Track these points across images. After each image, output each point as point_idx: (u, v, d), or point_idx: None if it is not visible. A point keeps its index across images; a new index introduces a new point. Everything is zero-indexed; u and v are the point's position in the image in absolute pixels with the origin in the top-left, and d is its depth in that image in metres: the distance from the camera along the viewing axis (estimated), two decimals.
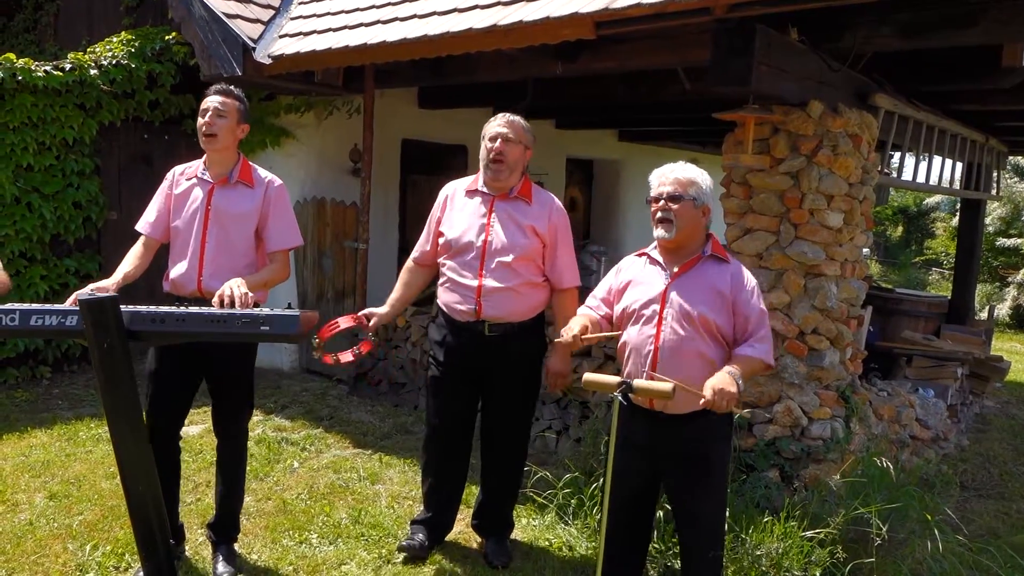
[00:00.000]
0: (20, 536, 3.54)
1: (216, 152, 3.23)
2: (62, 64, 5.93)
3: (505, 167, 3.29)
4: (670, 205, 2.80)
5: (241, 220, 3.24)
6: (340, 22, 5.43)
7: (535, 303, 3.41)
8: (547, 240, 3.35)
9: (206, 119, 3.18)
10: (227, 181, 3.24)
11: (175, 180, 3.33)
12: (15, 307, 2.58)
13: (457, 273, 3.34)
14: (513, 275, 3.30)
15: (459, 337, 3.39)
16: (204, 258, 3.19)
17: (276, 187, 3.32)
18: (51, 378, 5.96)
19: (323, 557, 3.51)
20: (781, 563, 3.22)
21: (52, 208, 5.92)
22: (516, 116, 3.42)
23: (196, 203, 3.23)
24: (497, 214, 3.32)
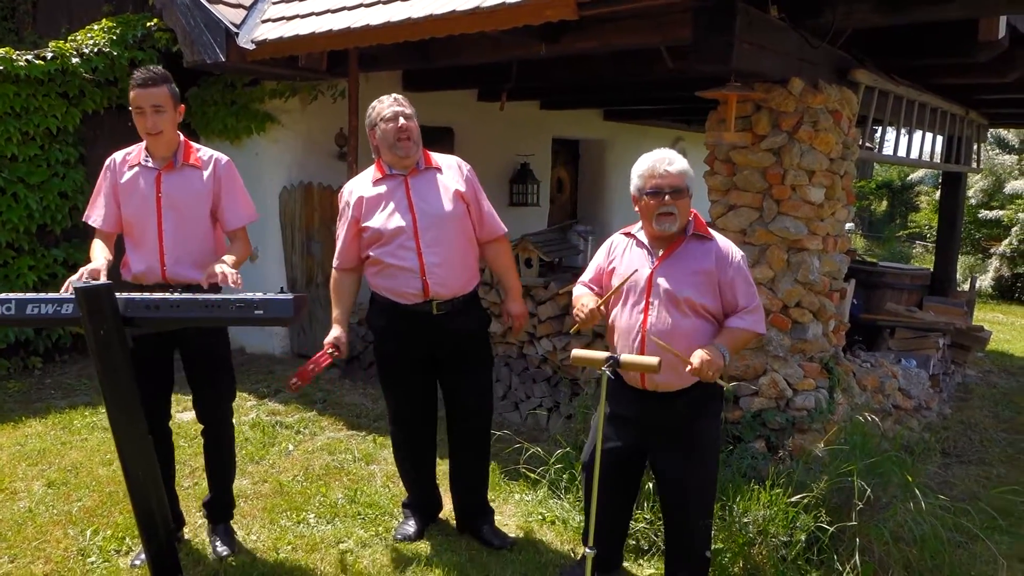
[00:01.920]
0: (20, 523, 3.59)
1: (161, 141, 3.16)
2: (43, 53, 5.91)
3: (412, 142, 3.30)
4: (675, 201, 2.85)
5: (195, 203, 3.21)
6: (323, 5, 5.42)
7: (472, 273, 3.42)
8: (468, 198, 3.37)
9: (149, 121, 3.08)
10: (173, 166, 3.19)
11: (117, 169, 3.24)
12: (11, 296, 2.61)
13: (394, 257, 3.26)
14: (450, 245, 3.29)
15: (407, 321, 3.34)
16: (164, 245, 3.16)
17: (224, 164, 3.29)
18: (43, 368, 5.98)
19: (321, 536, 3.58)
20: (767, 529, 3.32)
21: (38, 198, 5.91)
22: (399, 95, 3.41)
23: (144, 191, 3.16)
24: (415, 190, 3.30)
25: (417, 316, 3.32)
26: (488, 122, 8.32)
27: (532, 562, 3.45)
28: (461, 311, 3.38)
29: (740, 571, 3.34)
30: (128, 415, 2.74)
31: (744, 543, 3.35)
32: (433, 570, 3.31)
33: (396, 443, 3.65)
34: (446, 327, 3.35)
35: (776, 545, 3.31)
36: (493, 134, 8.60)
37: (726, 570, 3.35)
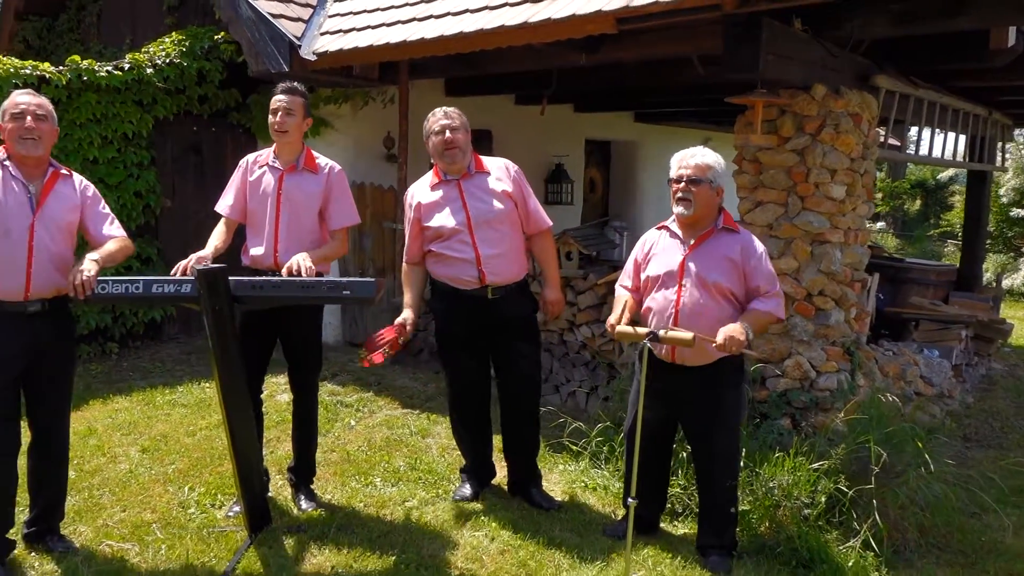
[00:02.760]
0: (125, 482, 4.08)
1: (286, 144, 3.71)
2: (121, 64, 6.41)
3: (458, 151, 3.71)
4: (690, 187, 3.26)
5: (308, 202, 3.71)
6: (377, 19, 5.88)
7: (522, 263, 3.85)
8: (516, 197, 3.78)
9: (278, 118, 3.64)
10: (295, 168, 3.71)
11: (248, 167, 3.79)
12: (139, 278, 3.08)
13: (453, 251, 3.69)
14: (501, 240, 3.71)
15: (465, 305, 3.76)
16: (278, 236, 3.67)
17: (336, 172, 3.80)
18: (119, 353, 6.49)
19: (388, 496, 4.01)
20: (791, 492, 3.68)
21: (116, 197, 6.42)
22: (450, 108, 3.81)
23: (269, 188, 3.70)
24: (468, 192, 3.73)
25: (474, 300, 3.74)
26: (525, 125, 8.73)
27: (577, 520, 3.85)
28: (513, 296, 3.80)
29: (766, 530, 3.71)
30: (236, 381, 3.20)
31: (770, 505, 3.72)
32: (489, 524, 3.73)
33: (454, 414, 4.06)
34: (500, 310, 3.77)
35: (799, 507, 3.67)
36: (529, 136, 9.01)
37: (754, 530, 3.72)
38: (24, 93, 3.22)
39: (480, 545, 3.54)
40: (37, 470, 3.32)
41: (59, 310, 3.22)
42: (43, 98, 3.24)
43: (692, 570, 3.44)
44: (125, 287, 3.08)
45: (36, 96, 3.22)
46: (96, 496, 3.91)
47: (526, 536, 3.63)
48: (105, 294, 3.05)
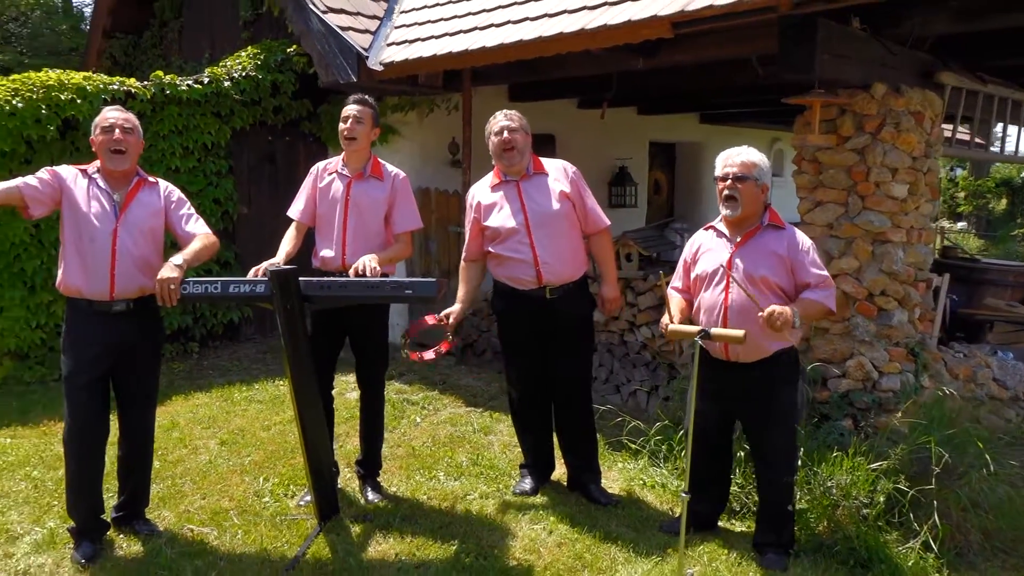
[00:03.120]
0: (205, 471, 4.33)
1: (355, 152, 3.90)
2: (201, 78, 6.76)
3: (516, 152, 3.81)
4: (736, 185, 3.32)
5: (374, 208, 3.89)
6: (441, 29, 6.07)
7: (580, 262, 3.92)
8: (573, 197, 3.86)
9: (347, 125, 3.84)
10: (362, 176, 3.90)
11: (319, 174, 4.00)
12: (218, 279, 3.30)
13: (512, 251, 3.82)
14: (559, 239, 3.81)
15: (524, 304, 3.88)
16: (346, 240, 3.86)
17: (401, 179, 3.98)
18: (200, 352, 6.84)
19: (450, 489, 4.16)
20: (850, 492, 3.68)
21: (196, 204, 6.65)
22: (511, 111, 3.92)
23: (337, 194, 3.90)
24: (526, 193, 3.84)
25: (533, 300, 3.86)
26: (587, 128, 8.82)
27: (634, 516, 3.92)
28: (571, 295, 3.90)
29: (824, 530, 3.71)
30: (306, 376, 3.39)
31: (828, 505, 3.72)
32: (548, 518, 3.84)
33: (515, 410, 4.19)
34: (558, 310, 3.87)
35: (857, 506, 3.67)
36: (592, 139, 9.09)
37: (812, 528, 3.73)
38: (113, 109, 3.47)
39: (538, 537, 3.66)
40: (125, 459, 3.58)
41: (144, 310, 3.45)
42: (130, 113, 3.49)
43: (748, 566, 3.48)
44: (205, 288, 3.30)
45: (124, 111, 3.47)
46: (178, 484, 4.17)
47: (583, 530, 3.73)
48: (187, 294, 3.27)
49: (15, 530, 3.67)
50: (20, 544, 3.54)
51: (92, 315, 3.34)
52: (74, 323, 3.37)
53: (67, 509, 3.46)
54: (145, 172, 3.60)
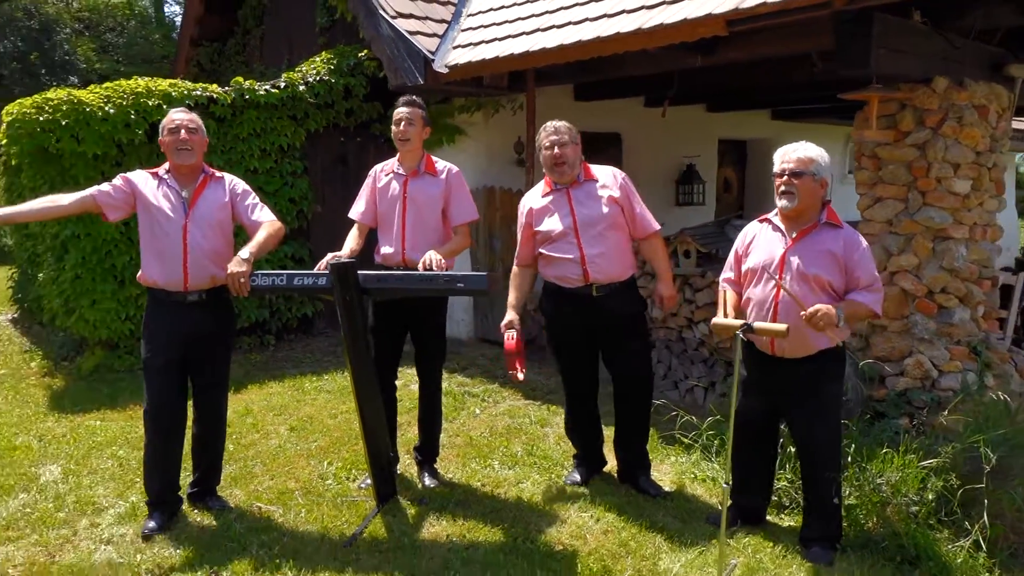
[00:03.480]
0: (274, 455, 4.60)
1: (408, 151, 4.07)
2: (278, 83, 7.10)
3: (567, 166, 3.92)
4: (792, 180, 3.35)
5: (431, 203, 4.06)
6: (504, 32, 6.22)
7: (627, 263, 4.00)
8: (622, 201, 3.95)
9: (400, 128, 4.01)
10: (417, 173, 4.08)
11: (377, 176, 4.21)
12: (283, 272, 3.53)
13: (560, 251, 3.93)
14: (605, 241, 3.89)
15: (571, 303, 3.98)
16: (405, 235, 4.04)
17: (454, 173, 4.14)
18: (275, 345, 7.18)
19: (504, 477, 4.31)
20: (899, 489, 3.66)
21: (273, 204, 7.09)
22: (561, 122, 3.99)
23: (395, 193, 4.09)
24: (576, 199, 3.94)
25: (579, 298, 3.96)
26: (654, 126, 8.83)
27: (682, 508, 3.98)
28: (617, 294, 3.98)
29: (874, 526, 3.70)
30: (364, 364, 3.58)
31: (877, 501, 3.71)
32: (595, 507, 3.94)
33: (568, 406, 4.30)
34: (604, 308, 3.96)
35: (907, 503, 3.65)
36: (659, 137, 9.10)
37: (861, 525, 3.73)
38: (178, 111, 3.72)
39: (585, 525, 3.76)
40: (199, 439, 3.85)
41: (217, 300, 3.71)
42: (193, 114, 3.74)
43: (792, 560, 3.51)
44: (272, 280, 3.53)
45: (188, 112, 3.72)
46: (250, 466, 4.44)
47: (630, 519, 3.82)
48: (256, 285, 3.51)
49: (101, 503, 4.00)
50: (105, 515, 3.86)
51: (169, 304, 3.61)
52: (153, 312, 3.66)
53: (144, 484, 3.75)
54: (214, 169, 3.84)
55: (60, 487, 4.19)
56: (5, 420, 5.31)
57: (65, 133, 5.94)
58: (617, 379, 4.15)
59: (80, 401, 5.67)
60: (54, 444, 4.84)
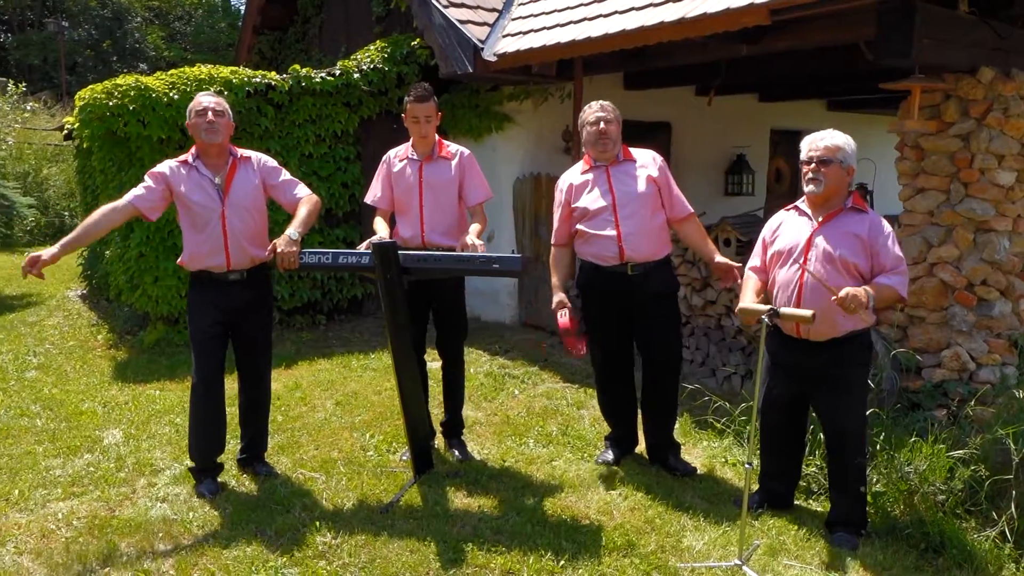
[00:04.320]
0: (320, 427, 4.82)
1: (425, 141, 4.20)
2: (333, 71, 7.32)
3: (610, 141, 4.02)
4: (820, 167, 3.40)
5: (446, 186, 4.20)
6: (552, 21, 6.32)
7: (663, 242, 4.08)
8: (660, 183, 4.03)
9: (420, 127, 4.13)
10: (431, 157, 4.22)
11: (391, 162, 4.33)
12: (329, 251, 3.71)
13: (597, 228, 4.02)
14: (642, 219, 3.97)
15: (607, 281, 4.07)
16: (423, 218, 4.18)
17: (467, 155, 4.27)
18: (326, 324, 7.45)
19: (537, 454, 4.44)
20: (926, 477, 3.68)
21: (327, 188, 7.35)
22: (605, 102, 4.08)
23: (411, 178, 4.21)
24: (614, 176, 4.04)
25: (615, 276, 4.06)
26: (704, 116, 8.82)
27: (710, 490, 4.07)
28: (652, 274, 4.06)
29: (900, 514, 3.73)
30: (404, 341, 3.75)
31: (905, 489, 3.74)
32: (624, 485, 4.05)
33: (600, 385, 4.41)
34: (639, 287, 4.05)
35: (934, 492, 3.67)
36: (709, 127, 9.08)
37: (887, 512, 3.76)
38: (205, 95, 3.81)
39: (612, 501, 3.88)
40: (245, 409, 4.08)
41: (256, 278, 3.91)
42: (220, 98, 3.86)
43: (816, 543, 3.57)
44: (318, 258, 3.72)
45: (215, 96, 3.84)
46: (296, 436, 4.67)
47: (657, 498, 3.92)
48: (304, 263, 3.69)
49: (158, 465, 4.26)
50: (161, 476, 4.12)
51: (212, 283, 3.81)
52: (197, 290, 3.86)
53: (189, 450, 3.99)
54: (244, 150, 3.94)
55: (121, 449, 4.48)
56: (73, 387, 5.66)
57: (132, 117, 6.25)
58: (647, 360, 4.24)
59: (141, 372, 6.00)
60: (117, 410, 5.15)
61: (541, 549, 3.40)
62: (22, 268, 3.45)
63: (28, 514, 3.72)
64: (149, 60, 23.06)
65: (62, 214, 14.75)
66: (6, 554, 3.36)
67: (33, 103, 18.40)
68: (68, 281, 10.08)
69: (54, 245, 3.52)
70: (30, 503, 3.83)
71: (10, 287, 9.76)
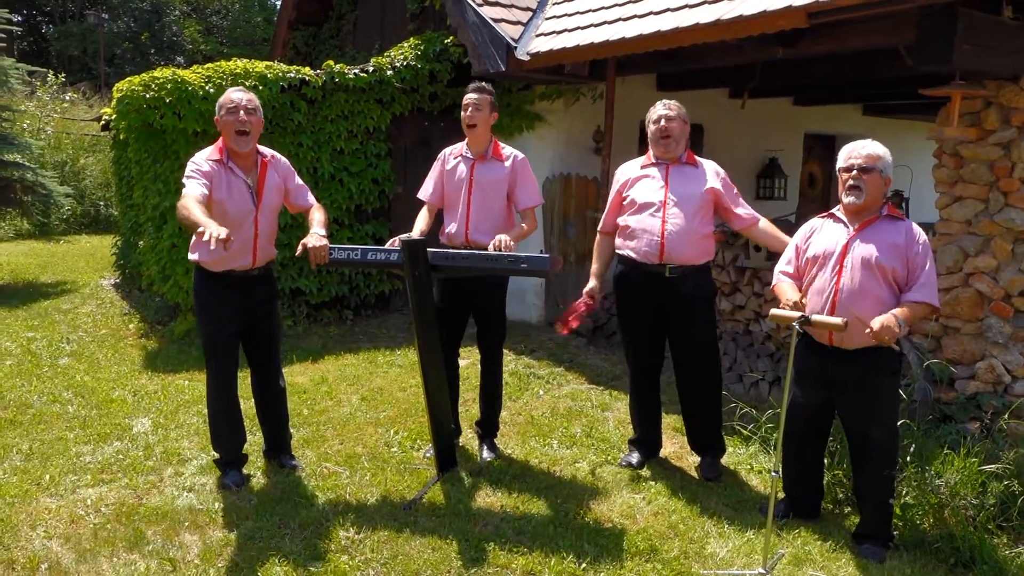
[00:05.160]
0: (345, 421, 4.85)
1: (476, 136, 4.21)
2: (367, 67, 7.35)
3: (672, 140, 3.99)
4: (861, 176, 3.36)
5: (496, 187, 4.20)
6: (586, 20, 6.29)
7: (706, 249, 4.04)
8: (718, 194, 3.99)
9: (468, 113, 4.15)
10: (484, 157, 4.23)
11: (445, 159, 4.36)
12: (358, 247, 3.72)
13: (641, 223, 4.01)
14: (689, 222, 3.94)
15: (643, 279, 4.05)
16: (470, 217, 4.19)
17: (520, 159, 4.27)
18: (353, 319, 7.48)
19: (561, 456, 4.43)
20: (957, 491, 3.62)
21: (357, 184, 7.39)
22: (673, 101, 4.07)
23: (462, 175, 4.23)
24: (672, 176, 4.01)
25: (652, 275, 4.03)
26: (738, 118, 8.74)
27: (735, 497, 4.03)
28: (690, 278, 4.03)
29: (930, 527, 3.67)
30: (430, 338, 3.76)
31: (935, 503, 3.68)
32: (648, 489, 4.03)
33: (632, 384, 4.37)
34: (677, 290, 4.02)
35: (965, 506, 3.60)
36: (743, 130, 9.00)
37: (916, 525, 3.70)
38: (237, 90, 3.74)
39: (636, 505, 3.86)
40: (265, 402, 4.12)
41: (268, 273, 3.98)
42: (251, 93, 3.80)
43: (842, 555, 3.52)
44: (347, 254, 3.73)
45: (247, 92, 3.79)
46: (322, 430, 4.70)
47: (681, 503, 3.90)
48: (334, 258, 3.71)
49: (185, 455, 4.31)
50: (188, 466, 4.17)
51: (233, 282, 3.80)
52: (211, 289, 3.79)
53: (212, 443, 4.02)
54: (280, 150, 4.00)
55: (150, 438, 4.54)
56: (104, 375, 5.74)
57: (168, 110, 6.33)
58: (682, 367, 4.21)
59: (171, 362, 6.07)
60: (146, 399, 5.22)
61: (563, 551, 3.39)
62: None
63: (58, 499, 3.78)
64: (186, 53, 23.36)
65: (97, 204, 14.97)
66: (36, 538, 3.42)
67: (72, 93, 18.70)
68: (102, 270, 10.23)
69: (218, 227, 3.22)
70: (60, 488, 3.89)
71: (45, 274, 9.93)
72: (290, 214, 5.93)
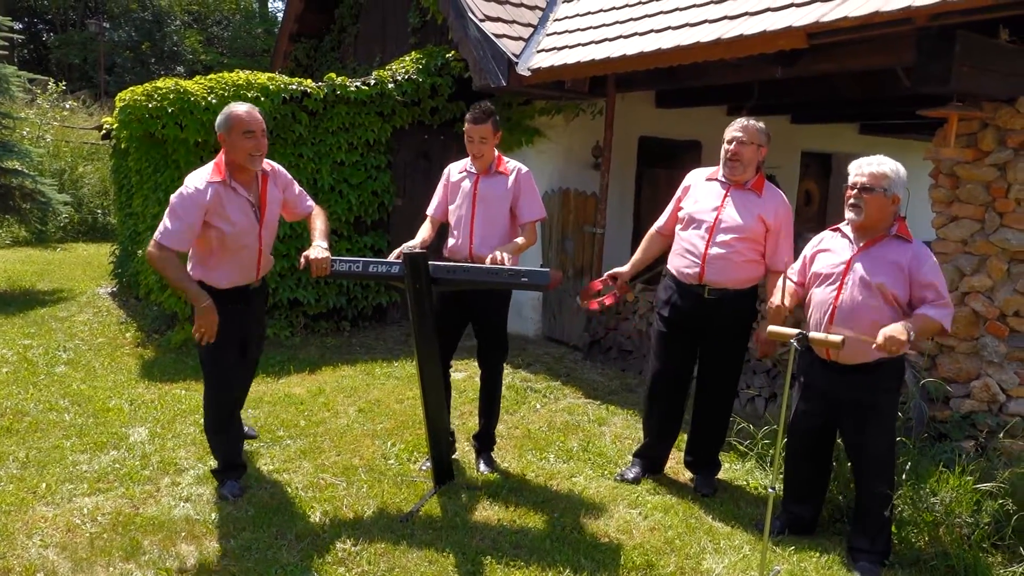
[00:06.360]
0: (342, 433, 4.85)
1: (482, 161, 4.25)
2: (368, 80, 7.39)
3: (740, 164, 3.98)
4: (862, 194, 3.39)
5: (500, 201, 4.24)
6: (588, 37, 6.34)
7: (750, 276, 4.03)
8: (772, 227, 3.96)
9: (475, 147, 4.17)
10: (488, 172, 4.26)
11: (450, 173, 4.42)
12: (359, 259, 3.74)
13: (689, 242, 4.04)
14: (734, 249, 3.94)
15: (683, 297, 4.09)
16: (474, 231, 4.22)
17: (524, 173, 4.30)
18: (350, 331, 7.49)
19: (557, 470, 4.44)
20: (952, 509, 3.63)
21: (357, 195, 7.41)
22: (752, 120, 4.04)
23: (466, 190, 4.27)
24: (731, 199, 4.01)
25: (691, 295, 4.06)
26: None
27: (731, 513, 4.04)
28: (729, 302, 4.02)
29: (925, 545, 3.68)
30: (430, 351, 3.77)
31: (931, 520, 3.69)
32: (645, 504, 4.03)
33: (650, 395, 4.34)
34: (715, 312, 4.03)
35: (960, 524, 3.61)
36: None
37: (912, 543, 3.72)
38: (246, 109, 3.64)
39: (632, 520, 3.86)
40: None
41: (265, 283, 4.09)
42: (257, 110, 3.74)
43: (838, 571, 3.53)
44: (349, 266, 3.75)
45: (255, 111, 3.67)
46: (319, 441, 4.70)
47: (678, 519, 3.90)
48: (335, 270, 3.73)
49: (182, 464, 4.31)
50: (185, 476, 4.16)
51: (232, 295, 3.80)
52: (219, 308, 3.65)
53: (211, 451, 4.03)
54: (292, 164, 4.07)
55: (146, 447, 4.53)
56: (101, 384, 5.74)
57: (170, 120, 6.35)
58: (700, 381, 4.25)
59: (168, 371, 6.07)
60: (143, 408, 5.22)
61: (560, 565, 3.39)
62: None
63: (54, 508, 3.77)
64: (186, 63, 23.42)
65: (95, 212, 14.96)
66: (32, 547, 3.41)
67: (72, 102, 18.73)
68: (99, 278, 10.23)
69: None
70: (57, 497, 3.88)
71: (42, 282, 9.92)
72: (288, 223, 5.98)
